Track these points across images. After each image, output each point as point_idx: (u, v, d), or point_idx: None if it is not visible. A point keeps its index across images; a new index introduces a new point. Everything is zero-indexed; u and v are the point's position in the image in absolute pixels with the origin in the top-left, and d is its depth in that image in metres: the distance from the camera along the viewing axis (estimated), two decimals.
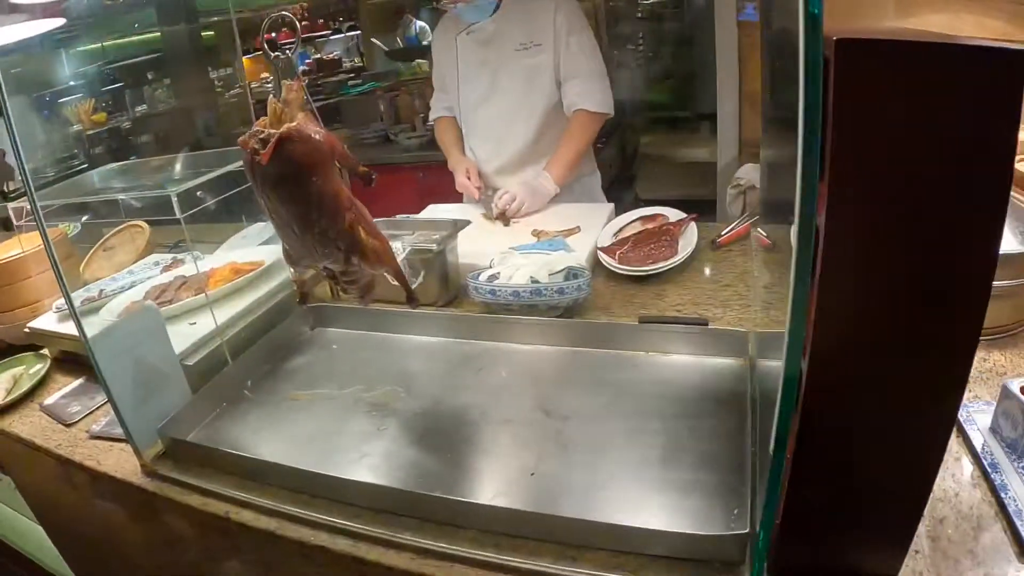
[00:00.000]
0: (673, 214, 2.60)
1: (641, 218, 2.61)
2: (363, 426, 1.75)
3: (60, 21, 2.64)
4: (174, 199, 1.86)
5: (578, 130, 2.94)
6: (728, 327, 1.92)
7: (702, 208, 2.75)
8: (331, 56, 7.37)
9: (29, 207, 2.74)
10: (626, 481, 1.44)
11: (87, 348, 1.67)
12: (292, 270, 1.73)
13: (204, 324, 2.10)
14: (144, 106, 6.48)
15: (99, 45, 6.12)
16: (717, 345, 1.82)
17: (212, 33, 6.49)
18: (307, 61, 7.15)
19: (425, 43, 6.35)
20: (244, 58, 7.17)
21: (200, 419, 1.86)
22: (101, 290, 2.52)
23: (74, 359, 2.41)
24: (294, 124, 1.36)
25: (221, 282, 2.26)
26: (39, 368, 2.39)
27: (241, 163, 1.44)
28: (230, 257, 2.49)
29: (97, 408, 2.12)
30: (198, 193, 1.93)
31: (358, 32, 7.21)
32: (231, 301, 2.21)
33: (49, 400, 2.23)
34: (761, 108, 1.69)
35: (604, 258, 2.37)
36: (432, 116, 3.40)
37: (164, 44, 6.18)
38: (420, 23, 6.48)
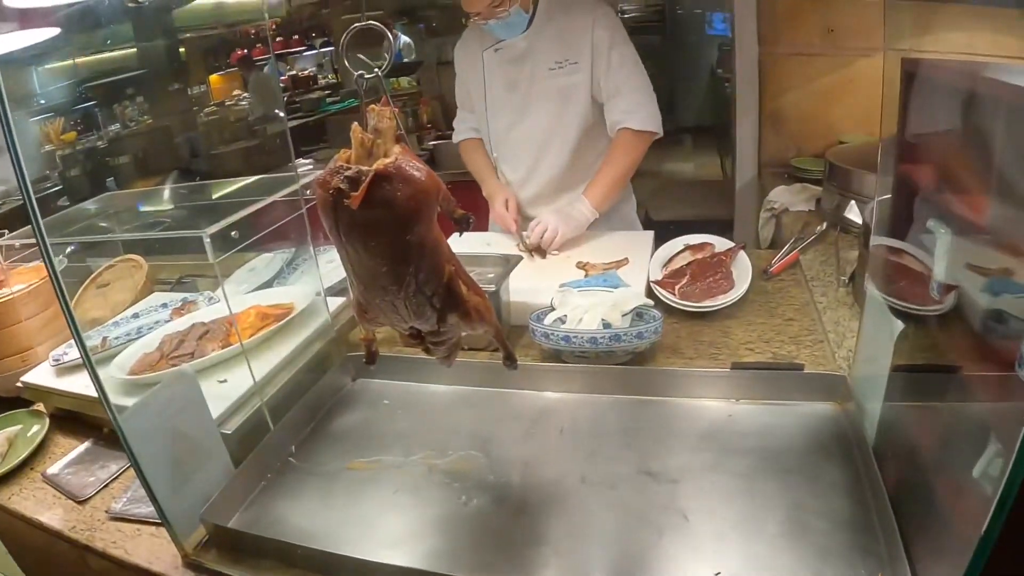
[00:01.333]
0: (719, 242, 2.38)
1: (689, 247, 2.38)
2: (446, 502, 1.48)
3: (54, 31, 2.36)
4: (206, 240, 1.58)
5: (621, 150, 2.65)
6: (820, 370, 1.77)
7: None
8: (306, 72, 7.05)
9: (17, 244, 2.45)
10: (761, 550, 1.27)
11: (118, 429, 1.37)
12: (362, 327, 1.44)
13: (235, 381, 1.81)
14: (117, 125, 6.13)
15: (71, 62, 5.76)
16: (810, 389, 1.66)
17: (183, 50, 6.20)
18: (282, 78, 6.86)
19: (408, 59, 6.14)
20: (214, 75, 6.92)
21: (244, 497, 1.57)
22: (104, 337, 2.19)
23: (74, 417, 2.10)
24: (392, 160, 1.08)
25: (248, 329, 1.95)
26: (37, 430, 2.05)
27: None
28: (251, 299, 2.18)
29: (112, 480, 1.81)
30: (232, 233, 1.65)
31: (331, 48, 6.95)
32: (264, 353, 1.91)
33: (52, 469, 1.90)
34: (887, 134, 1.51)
35: (662, 293, 2.13)
36: (457, 137, 3.10)
37: (140, 61, 5.84)
38: (405, 38, 6.27)
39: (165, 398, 1.48)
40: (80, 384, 2.00)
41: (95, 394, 1.85)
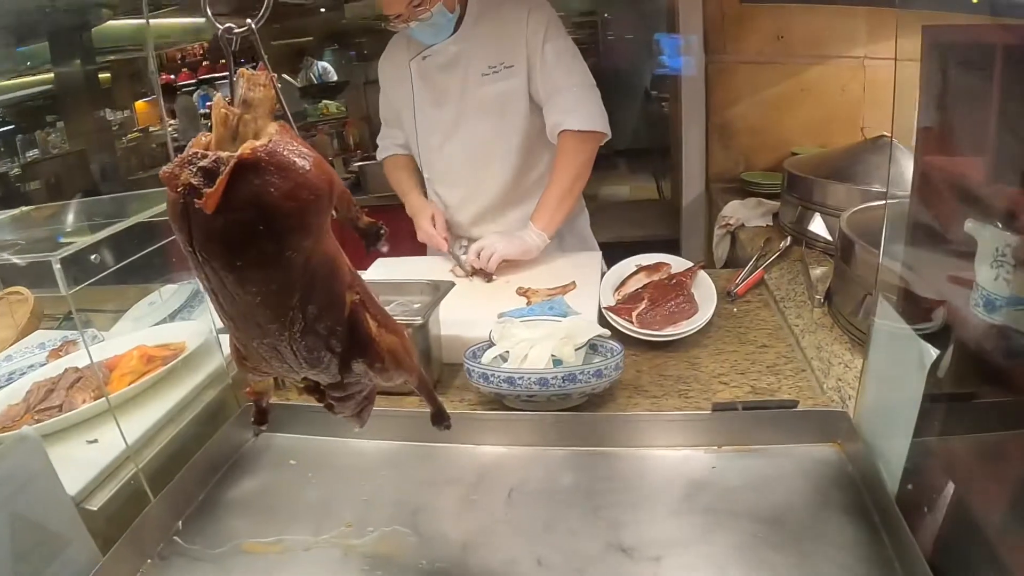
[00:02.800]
0: (676, 262, 2.06)
1: (644, 268, 2.04)
2: None
3: None
4: (56, 267, 1.20)
5: (565, 158, 2.28)
6: (813, 405, 1.47)
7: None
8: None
9: None
10: None
11: None
12: (248, 376, 1.05)
13: (109, 440, 1.40)
14: (36, 151, 5.67)
15: None
16: (806, 430, 1.37)
17: (108, 75, 5.78)
18: (207, 103, 6.46)
19: (330, 82, 5.86)
20: (139, 101, 6.48)
21: None
22: None
23: None
24: (264, 142, 0.71)
25: (129, 376, 1.55)
26: None
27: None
28: (137, 338, 1.77)
29: None
30: (92, 257, 1.27)
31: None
32: (145, 404, 1.51)
33: None
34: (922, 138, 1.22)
35: (618, 321, 1.78)
36: (381, 154, 2.67)
37: (58, 84, 5.40)
38: (322, 63, 6.08)
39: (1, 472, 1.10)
40: None
41: None
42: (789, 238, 2.33)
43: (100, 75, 5.75)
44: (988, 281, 1.02)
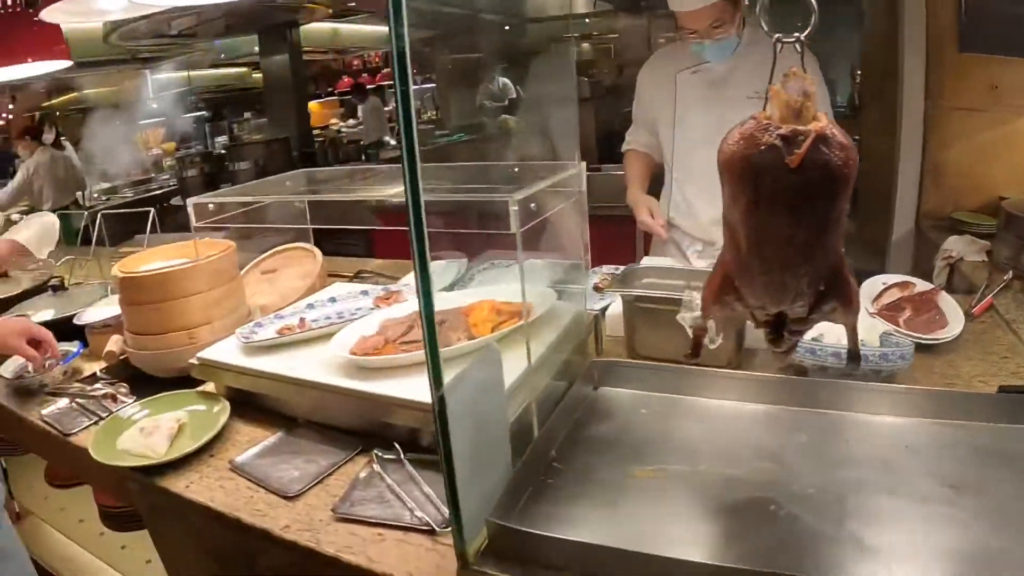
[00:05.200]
0: (919, 283, 2.34)
1: (895, 284, 2.33)
2: (755, 509, 1.36)
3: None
4: (512, 209, 1.48)
5: None
6: None
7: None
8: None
9: (211, 205, 2.24)
10: None
11: (435, 408, 1.20)
12: (706, 313, 1.34)
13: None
14: (223, 138, 6.09)
15: (185, 73, 5.72)
16: None
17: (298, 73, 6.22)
18: (386, 109, 6.86)
19: (509, 99, 6.15)
20: (313, 103, 6.88)
21: (517, 500, 1.42)
22: (302, 319, 2.16)
23: (253, 403, 1.98)
24: (828, 124, 1.05)
25: (485, 323, 1.85)
26: (217, 411, 1.92)
27: None
28: (482, 293, 2.09)
29: (326, 476, 1.68)
30: (531, 205, 1.54)
31: (433, 85, 6.96)
32: (515, 351, 1.68)
33: (241, 457, 1.76)
34: None
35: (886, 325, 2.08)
36: (626, 147, 3.10)
37: (264, 76, 5.82)
38: (504, 80, 6.30)
39: (477, 378, 1.35)
40: (283, 364, 1.92)
41: (294, 375, 1.83)
42: (1011, 271, 2.59)
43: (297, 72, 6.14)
44: None
